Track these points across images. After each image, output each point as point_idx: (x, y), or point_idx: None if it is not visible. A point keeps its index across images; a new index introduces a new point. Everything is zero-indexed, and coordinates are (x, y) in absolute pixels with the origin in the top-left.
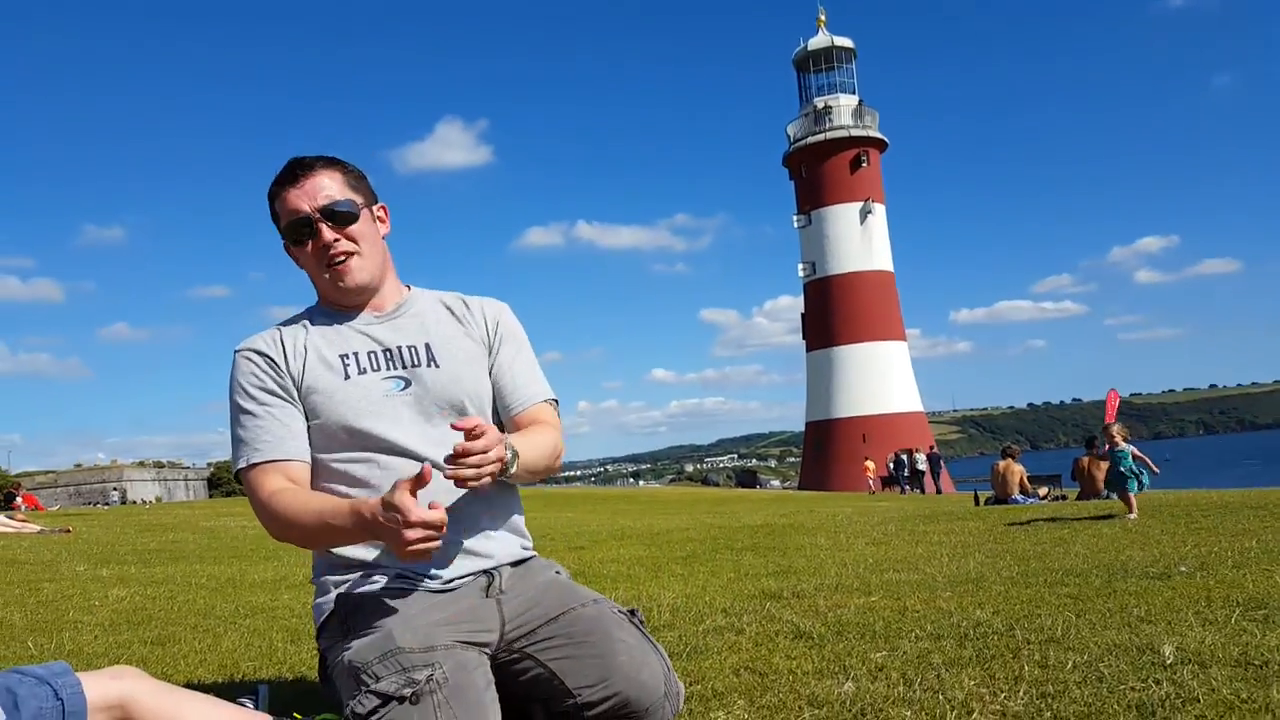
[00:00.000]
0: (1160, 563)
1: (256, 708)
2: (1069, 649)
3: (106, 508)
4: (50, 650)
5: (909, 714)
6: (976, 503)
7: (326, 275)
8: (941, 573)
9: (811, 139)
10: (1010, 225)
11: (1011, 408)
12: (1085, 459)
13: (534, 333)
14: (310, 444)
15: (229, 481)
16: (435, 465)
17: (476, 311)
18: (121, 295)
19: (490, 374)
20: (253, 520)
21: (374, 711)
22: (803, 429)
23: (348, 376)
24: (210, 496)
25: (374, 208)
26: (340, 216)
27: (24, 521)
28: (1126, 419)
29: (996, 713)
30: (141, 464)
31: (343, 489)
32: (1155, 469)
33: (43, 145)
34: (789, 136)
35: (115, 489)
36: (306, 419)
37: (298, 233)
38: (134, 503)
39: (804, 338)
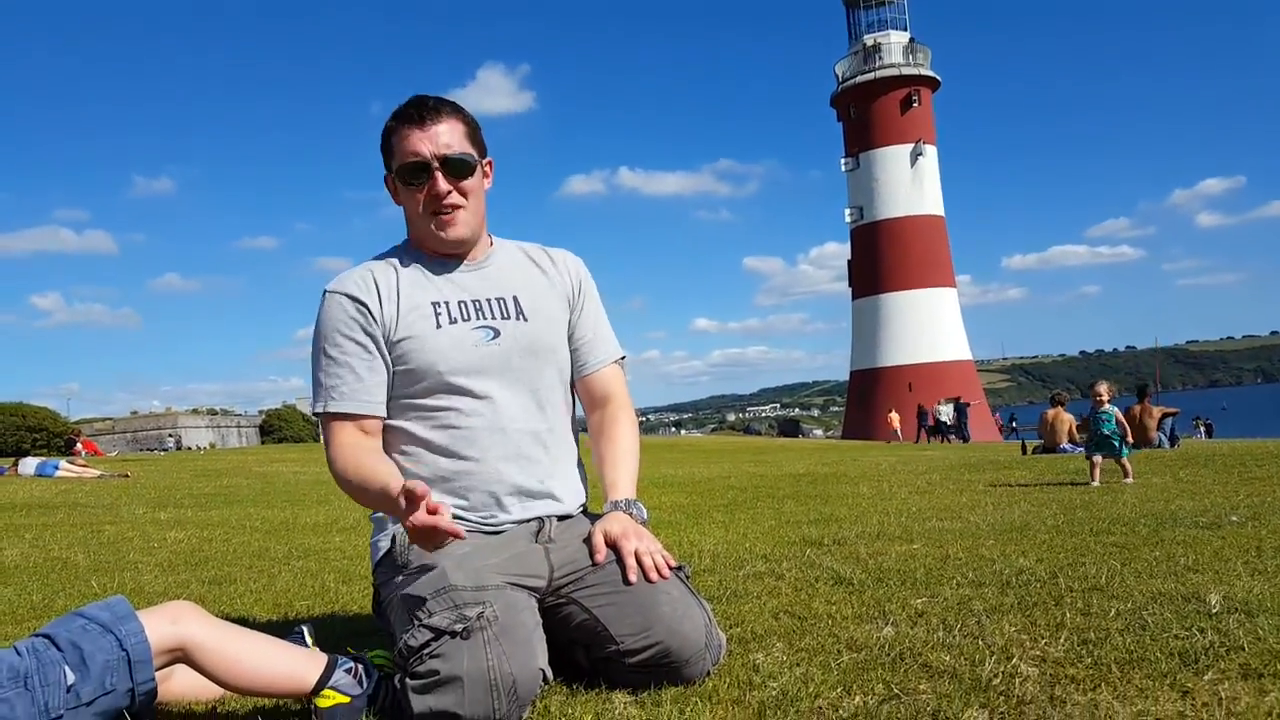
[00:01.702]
0: (1211, 512)
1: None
2: (1112, 597)
3: (163, 453)
4: (112, 589)
5: (948, 658)
6: (1024, 452)
7: (431, 224)
8: (985, 521)
9: (860, 78)
10: (1066, 167)
11: (1062, 355)
12: (1136, 407)
13: None
14: (395, 387)
15: (280, 429)
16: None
17: (560, 265)
18: (172, 246)
19: (569, 327)
20: (304, 465)
21: (426, 645)
22: (847, 378)
23: (439, 325)
24: (262, 443)
25: (484, 162)
26: (458, 168)
27: (84, 466)
28: (1182, 367)
29: (1036, 658)
30: (195, 411)
31: (424, 432)
32: (1130, 440)
33: (92, 99)
34: (837, 76)
35: (170, 435)
36: (393, 364)
37: (413, 175)
38: (189, 449)
39: (850, 285)
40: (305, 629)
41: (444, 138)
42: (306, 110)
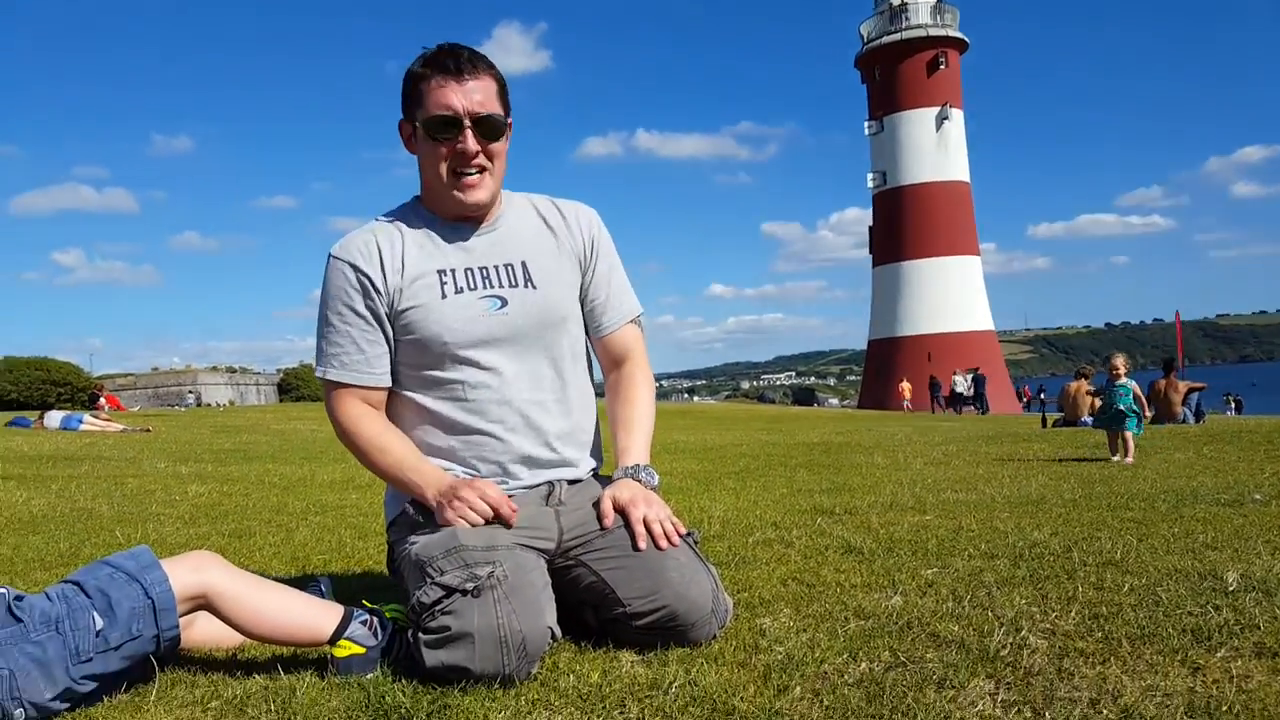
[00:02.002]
0: (1233, 490)
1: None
2: (1127, 572)
3: (183, 409)
4: (136, 539)
5: (956, 628)
6: (1044, 425)
7: (452, 185)
8: (1000, 493)
9: (886, 39)
10: (1098, 134)
11: (1087, 327)
12: (1162, 382)
13: None
14: (402, 357)
15: (298, 387)
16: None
17: (572, 222)
18: (191, 205)
19: (583, 289)
20: (321, 424)
21: (438, 602)
22: (865, 347)
23: (444, 295)
24: (280, 401)
25: (507, 123)
26: (489, 129)
27: (107, 421)
28: (1212, 341)
29: (1046, 631)
30: (215, 369)
31: (432, 403)
32: (1147, 415)
33: (111, 57)
34: (862, 36)
35: (191, 392)
36: (399, 334)
37: (442, 130)
38: (208, 405)
39: (870, 252)
40: (323, 582)
41: (478, 95)
42: (323, 69)
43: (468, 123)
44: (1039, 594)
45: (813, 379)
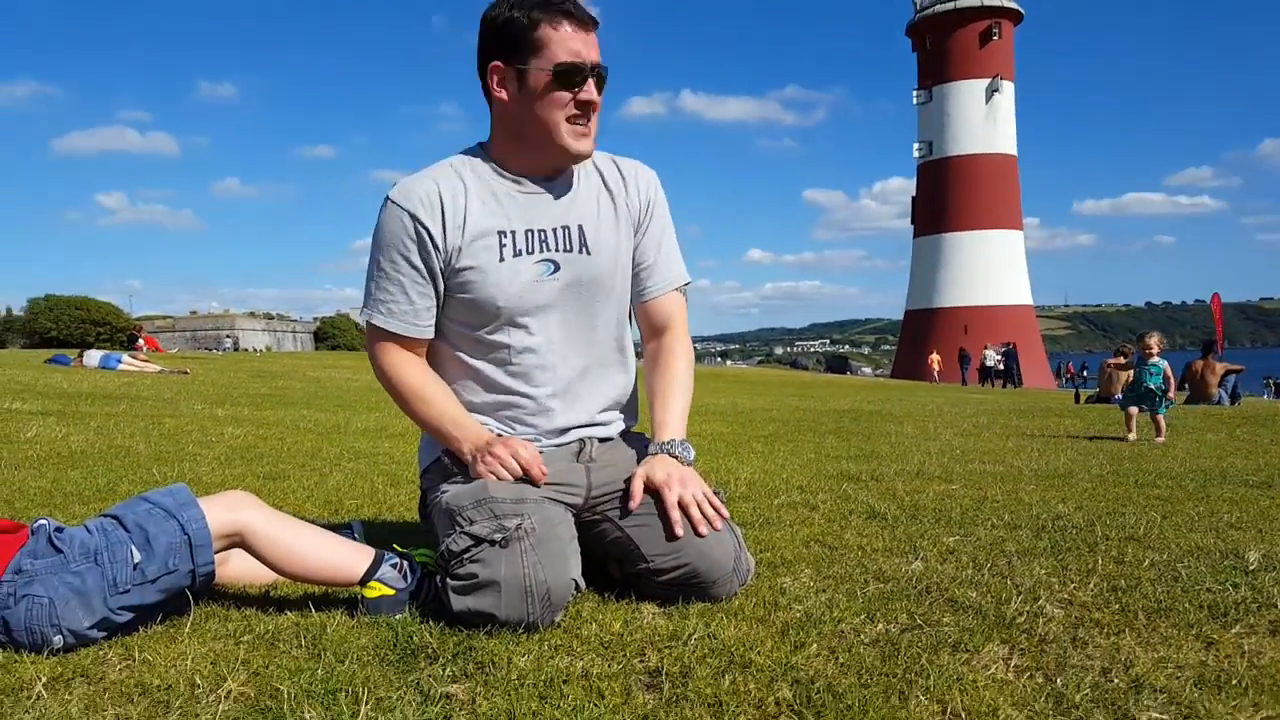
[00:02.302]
0: (1263, 472)
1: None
2: (1148, 548)
3: (220, 353)
4: (172, 478)
5: (974, 595)
6: (1077, 400)
7: (567, 132)
8: (1028, 466)
9: (939, 7)
10: (1149, 111)
11: (1127, 306)
12: (1199, 363)
13: None
14: (451, 313)
15: (334, 336)
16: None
17: (631, 183)
18: (233, 151)
19: (634, 251)
20: (356, 373)
21: (466, 550)
22: (901, 317)
23: (503, 258)
24: (316, 349)
25: None
26: (603, 82)
27: (145, 361)
28: (1253, 325)
29: (1064, 601)
30: (252, 314)
31: (476, 362)
32: (1172, 396)
33: (159, 2)
34: (915, 4)
35: (228, 336)
36: (452, 292)
37: (570, 78)
38: (245, 350)
39: (912, 222)
40: (355, 526)
41: (597, 46)
42: (367, 23)
43: (592, 73)
44: (1059, 565)
45: (847, 347)
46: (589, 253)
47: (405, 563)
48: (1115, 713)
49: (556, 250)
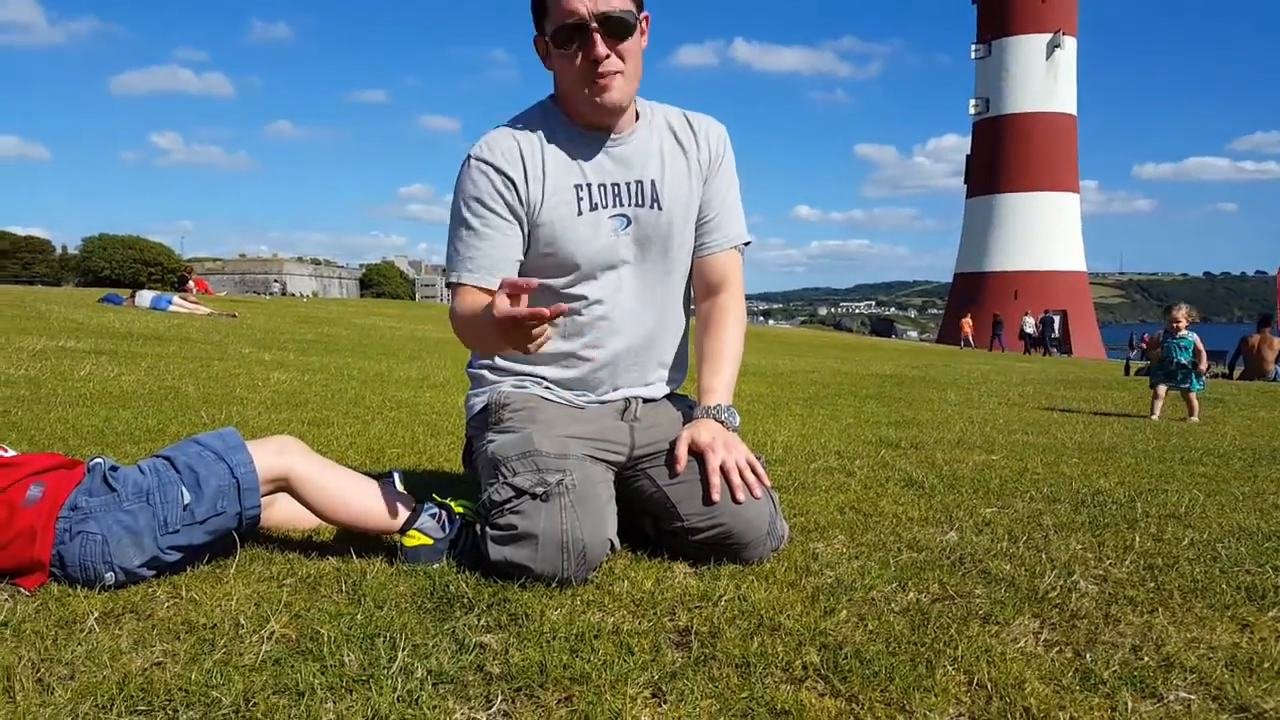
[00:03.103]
0: None
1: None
2: (1189, 526)
3: (268, 298)
4: (220, 421)
5: (1008, 567)
6: (1126, 372)
7: (585, 91)
8: (1072, 439)
9: None
10: (1216, 72)
11: (1184, 275)
12: (1255, 337)
13: None
14: (526, 266)
15: (379, 283)
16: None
17: (702, 138)
18: (286, 93)
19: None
20: (400, 322)
21: (508, 501)
22: (950, 280)
23: (580, 212)
24: (361, 296)
25: (642, 18)
26: (618, 28)
27: (195, 304)
28: None
29: (1098, 577)
30: (300, 259)
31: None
32: (1204, 370)
33: None
34: None
35: (276, 281)
36: (534, 243)
37: (569, 38)
38: (292, 295)
39: (965, 182)
40: (396, 474)
41: None
42: None
43: (594, 25)
44: (1096, 540)
45: (893, 310)
46: (660, 208)
47: (444, 513)
48: (1143, 690)
49: (629, 204)
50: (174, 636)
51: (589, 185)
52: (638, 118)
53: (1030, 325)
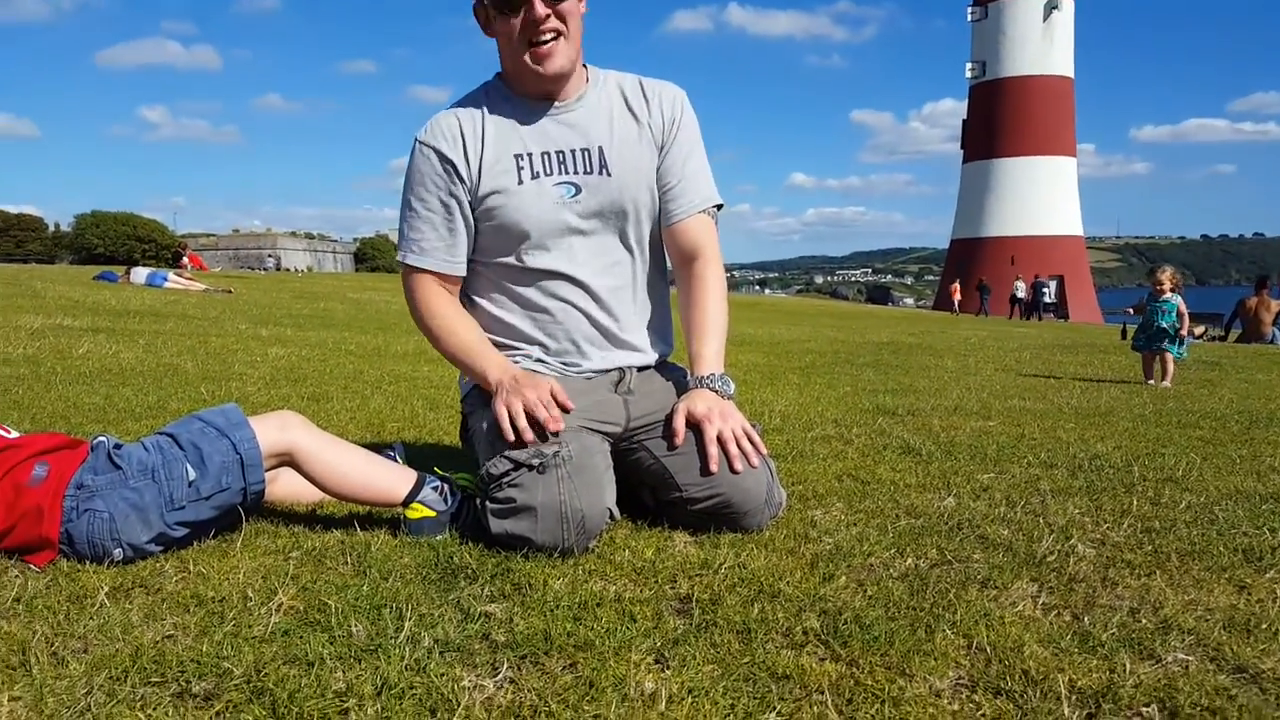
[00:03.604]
0: None
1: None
2: (1186, 490)
3: (263, 273)
4: (220, 397)
5: (1006, 533)
6: (1124, 336)
7: (526, 56)
8: (1069, 404)
9: None
10: (1215, 31)
11: (1182, 238)
12: (1252, 300)
13: None
14: (480, 239)
15: (374, 257)
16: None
17: (655, 104)
18: (275, 65)
19: (658, 171)
20: (395, 295)
21: (506, 474)
22: (947, 246)
23: (521, 181)
24: (356, 270)
25: None
26: None
27: (190, 280)
28: None
29: (1096, 540)
30: (294, 234)
31: (508, 285)
32: (1185, 335)
33: None
34: None
35: (270, 256)
36: (478, 220)
37: (506, 6)
38: (287, 270)
39: (962, 147)
40: (397, 448)
41: None
42: None
43: None
44: (1093, 505)
45: (889, 277)
46: (609, 173)
47: (446, 486)
48: (1141, 652)
49: (576, 172)
50: (184, 610)
51: (529, 155)
52: (587, 82)
53: (1022, 290)
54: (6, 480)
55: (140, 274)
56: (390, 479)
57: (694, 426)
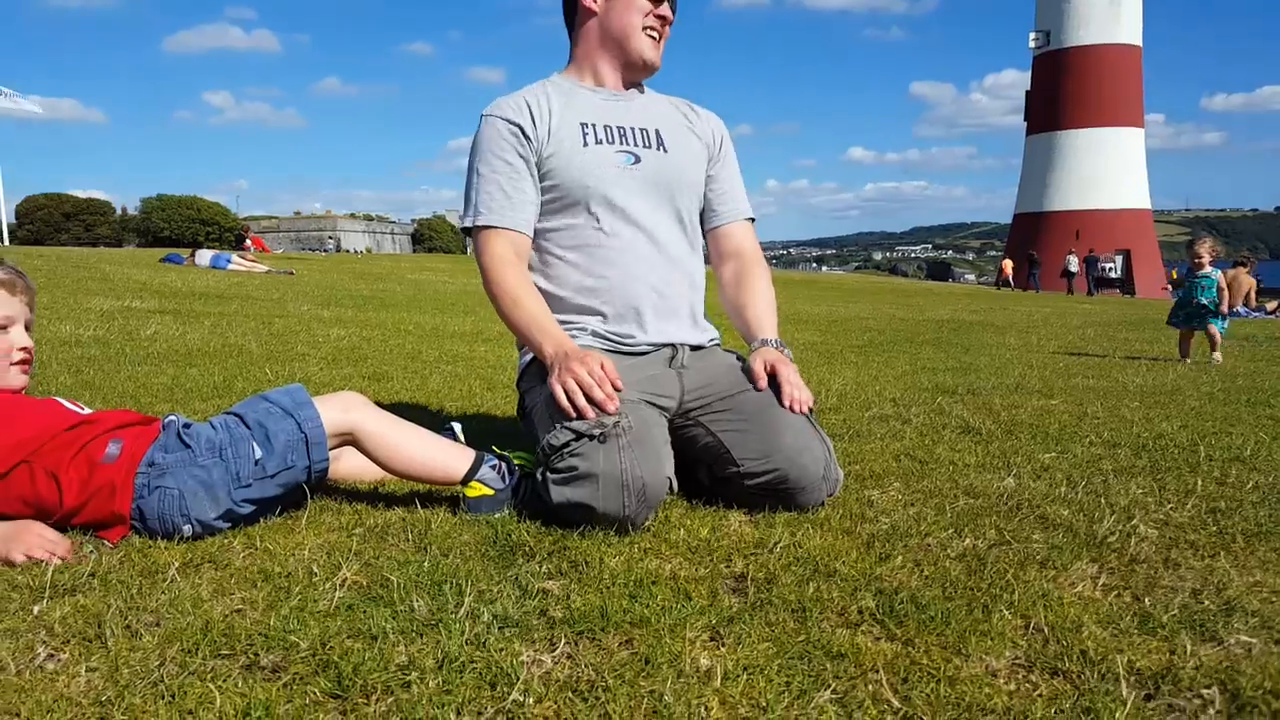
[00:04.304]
0: None
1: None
2: (1254, 469)
3: (323, 254)
4: (284, 377)
5: (1066, 513)
6: None
7: (643, 39)
8: (1134, 382)
9: None
10: None
11: (1254, 210)
12: None
13: (725, 105)
14: (548, 209)
15: (431, 238)
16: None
17: (704, 119)
18: (333, 49)
19: (709, 176)
20: (453, 276)
21: (566, 444)
22: (1010, 221)
23: (585, 144)
24: (414, 251)
25: None
26: (675, 4)
27: (253, 261)
28: None
29: (1159, 521)
30: (353, 216)
31: (565, 250)
32: (1225, 311)
33: None
34: None
35: (330, 237)
36: (541, 180)
37: None
38: (347, 251)
39: (1025, 119)
40: (456, 426)
41: None
42: None
43: None
44: (1157, 485)
45: (950, 253)
46: (666, 150)
47: (504, 465)
48: (1203, 634)
49: (636, 145)
50: (251, 585)
51: (594, 124)
52: (641, 90)
53: (1074, 264)
54: (81, 456)
55: (205, 256)
56: (449, 457)
57: (770, 374)
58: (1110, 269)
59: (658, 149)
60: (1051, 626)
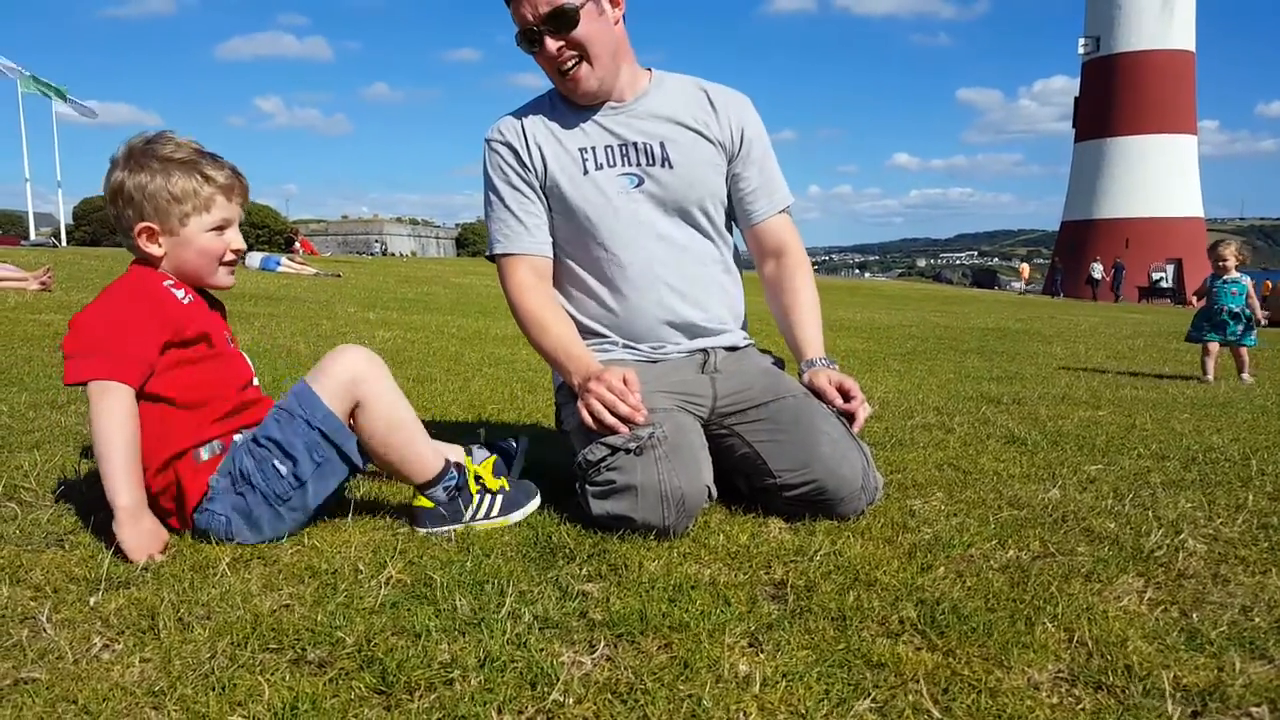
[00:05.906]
0: None
1: (513, 458)
2: None
3: (370, 257)
4: None
5: (1113, 526)
6: None
7: (562, 85)
8: (1184, 393)
9: None
10: None
11: None
12: None
13: (768, 110)
14: (558, 238)
15: (474, 242)
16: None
17: (721, 109)
18: (382, 55)
19: (729, 178)
20: (495, 280)
21: (603, 459)
22: (1057, 229)
23: (586, 171)
24: (457, 254)
25: (579, 7)
26: (560, 22)
27: (302, 264)
28: None
29: (1208, 536)
30: (399, 220)
31: (583, 274)
32: (1261, 318)
33: None
34: None
35: (377, 241)
36: (550, 207)
37: (526, 44)
38: (393, 255)
39: (1074, 126)
40: (521, 443)
41: None
42: None
43: (539, 28)
44: (1206, 499)
45: (996, 260)
46: (671, 166)
47: (462, 491)
48: (1253, 652)
49: (638, 165)
50: (299, 581)
51: (594, 148)
52: (650, 83)
53: (1098, 271)
54: (216, 427)
55: (254, 258)
56: (424, 463)
57: (841, 390)
58: (1162, 279)
59: (662, 165)
60: (1096, 640)
